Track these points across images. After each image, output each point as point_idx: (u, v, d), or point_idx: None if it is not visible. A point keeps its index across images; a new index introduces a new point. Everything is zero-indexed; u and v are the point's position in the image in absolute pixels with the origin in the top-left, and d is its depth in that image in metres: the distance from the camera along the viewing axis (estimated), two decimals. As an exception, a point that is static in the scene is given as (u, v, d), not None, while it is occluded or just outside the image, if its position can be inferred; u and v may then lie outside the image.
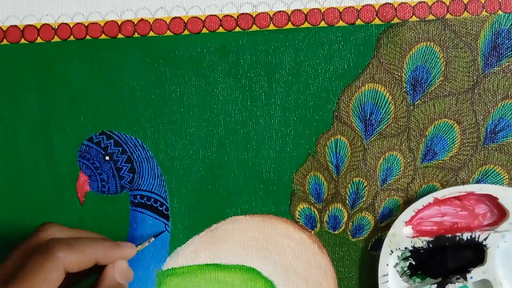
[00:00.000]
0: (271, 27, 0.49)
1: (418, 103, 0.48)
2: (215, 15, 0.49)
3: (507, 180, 0.48)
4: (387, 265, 0.48)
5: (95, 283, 0.43)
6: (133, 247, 0.46)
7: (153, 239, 0.50)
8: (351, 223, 0.50)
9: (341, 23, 0.48)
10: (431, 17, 0.48)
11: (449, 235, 0.47)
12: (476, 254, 0.48)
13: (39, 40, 0.50)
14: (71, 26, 0.50)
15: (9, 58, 0.51)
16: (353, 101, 0.49)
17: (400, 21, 0.48)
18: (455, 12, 0.47)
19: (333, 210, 0.50)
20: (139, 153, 0.51)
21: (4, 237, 0.52)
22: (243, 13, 0.49)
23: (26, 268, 0.40)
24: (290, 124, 0.49)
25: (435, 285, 0.47)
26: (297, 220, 0.50)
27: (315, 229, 0.50)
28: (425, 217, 0.49)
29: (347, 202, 0.50)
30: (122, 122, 0.51)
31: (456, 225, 0.48)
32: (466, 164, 0.49)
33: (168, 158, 0.50)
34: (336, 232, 0.50)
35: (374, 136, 0.49)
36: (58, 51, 0.50)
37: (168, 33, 0.50)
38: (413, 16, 0.48)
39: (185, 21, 0.49)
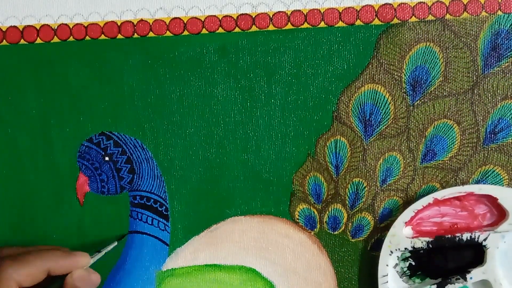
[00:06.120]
0: (271, 27, 0.49)
1: (417, 104, 0.48)
2: (214, 16, 0.49)
3: (507, 180, 0.48)
4: (387, 265, 0.48)
5: None
6: (86, 256, 0.45)
7: (115, 243, 0.49)
8: (350, 224, 0.50)
9: (340, 24, 0.48)
10: (430, 17, 0.48)
11: (449, 236, 0.47)
12: (475, 254, 0.48)
13: (38, 40, 0.50)
14: (71, 27, 0.50)
15: (9, 59, 0.51)
16: (352, 102, 0.49)
17: (399, 21, 0.48)
18: (455, 13, 0.47)
19: (332, 211, 0.50)
20: (139, 154, 0.51)
21: (4, 237, 0.52)
22: (242, 14, 0.49)
23: None
24: (289, 124, 0.49)
25: (435, 286, 0.47)
26: (297, 220, 0.50)
27: (315, 229, 0.50)
28: (424, 217, 0.49)
29: (347, 202, 0.50)
30: (121, 122, 0.51)
31: (455, 226, 0.48)
32: (466, 165, 0.49)
33: (168, 159, 0.50)
34: (336, 232, 0.50)
35: (374, 136, 0.49)
36: (57, 52, 0.50)
37: (168, 33, 0.50)
38: (413, 16, 0.48)
39: (185, 22, 0.49)
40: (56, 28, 0.50)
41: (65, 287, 0.44)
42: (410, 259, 0.49)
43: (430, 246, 0.47)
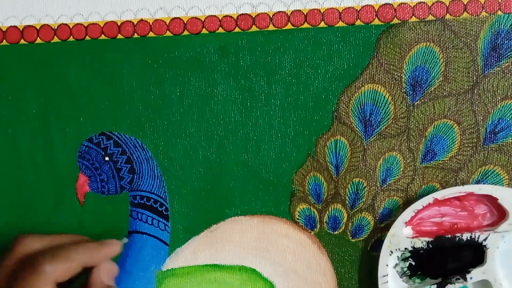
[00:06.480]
0: (271, 27, 0.49)
1: (417, 104, 0.48)
2: (214, 16, 0.49)
3: (507, 180, 0.48)
4: (387, 265, 0.48)
5: None
6: (117, 243, 0.45)
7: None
8: (350, 224, 0.50)
9: (340, 24, 0.48)
10: (430, 17, 0.48)
11: (449, 236, 0.47)
12: (476, 254, 0.48)
13: (38, 40, 0.50)
14: (71, 27, 0.50)
15: (9, 59, 0.51)
16: (352, 102, 0.49)
17: (399, 21, 0.48)
18: (455, 13, 0.47)
19: (332, 211, 0.50)
20: (139, 154, 0.51)
21: (4, 237, 0.52)
22: (242, 14, 0.49)
23: None
24: (289, 124, 0.49)
25: (435, 286, 0.47)
26: (297, 220, 0.50)
27: (315, 229, 0.50)
28: (425, 217, 0.49)
29: (347, 202, 0.50)
30: (121, 122, 0.51)
31: (455, 226, 0.48)
32: (466, 165, 0.49)
33: (168, 159, 0.50)
34: (336, 232, 0.50)
35: (374, 136, 0.49)
36: (57, 52, 0.50)
37: (168, 33, 0.50)
38: (413, 16, 0.48)
39: (185, 22, 0.49)
40: (56, 28, 0.50)
41: (92, 282, 0.43)
42: (410, 259, 0.49)
43: (430, 246, 0.47)
